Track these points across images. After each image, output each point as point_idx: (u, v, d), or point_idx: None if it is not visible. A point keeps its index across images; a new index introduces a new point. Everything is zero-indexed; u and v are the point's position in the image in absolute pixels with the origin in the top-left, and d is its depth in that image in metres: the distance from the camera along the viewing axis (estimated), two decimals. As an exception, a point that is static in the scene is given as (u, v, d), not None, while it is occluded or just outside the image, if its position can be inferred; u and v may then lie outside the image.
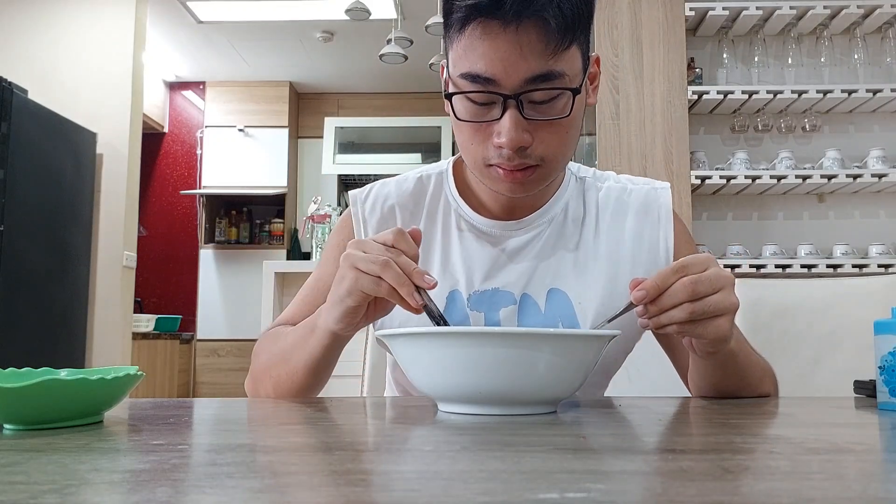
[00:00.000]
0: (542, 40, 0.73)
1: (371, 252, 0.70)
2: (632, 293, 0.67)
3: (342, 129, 5.52)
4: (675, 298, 0.65)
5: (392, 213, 0.95)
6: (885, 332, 0.67)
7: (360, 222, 0.96)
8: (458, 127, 0.82)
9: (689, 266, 0.67)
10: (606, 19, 3.13)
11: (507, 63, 0.74)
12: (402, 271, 0.68)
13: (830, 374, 1.19)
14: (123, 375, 0.56)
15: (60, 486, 0.34)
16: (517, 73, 0.74)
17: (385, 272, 0.68)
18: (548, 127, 0.78)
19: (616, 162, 3.07)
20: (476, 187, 0.94)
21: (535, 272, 0.91)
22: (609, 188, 0.97)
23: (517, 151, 0.78)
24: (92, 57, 3.81)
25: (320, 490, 0.33)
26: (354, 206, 0.97)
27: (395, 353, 0.66)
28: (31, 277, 3.29)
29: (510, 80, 0.75)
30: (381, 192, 0.97)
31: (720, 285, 0.67)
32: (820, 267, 3.07)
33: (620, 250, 0.93)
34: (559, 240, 0.93)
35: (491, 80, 0.75)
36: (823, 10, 3.10)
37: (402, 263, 0.69)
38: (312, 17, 4.40)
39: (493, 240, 0.92)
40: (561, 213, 0.94)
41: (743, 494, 0.32)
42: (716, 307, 0.66)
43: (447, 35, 0.80)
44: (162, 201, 5.52)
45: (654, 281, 0.66)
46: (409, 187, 0.97)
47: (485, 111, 0.78)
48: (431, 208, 0.95)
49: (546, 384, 0.61)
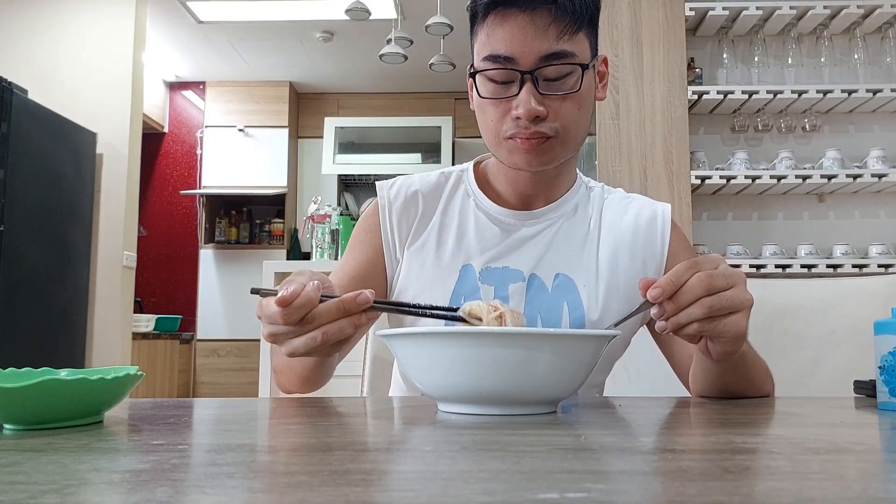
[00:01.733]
0: (553, 23, 0.85)
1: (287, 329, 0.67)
2: (647, 292, 0.66)
3: (342, 129, 5.52)
4: (691, 294, 0.65)
5: (415, 198, 1.02)
6: (885, 332, 0.67)
7: (386, 206, 1.02)
8: (481, 106, 0.92)
9: (702, 263, 0.67)
10: (606, 19, 3.13)
11: (523, 43, 0.85)
12: (336, 321, 0.66)
13: (830, 374, 1.19)
14: (123, 375, 0.56)
15: (60, 486, 0.34)
16: (532, 52, 0.85)
17: (323, 334, 0.66)
18: (560, 101, 0.87)
19: (616, 162, 3.07)
20: (494, 182, 1.02)
21: (544, 257, 0.98)
22: (613, 198, 1.06)
23: (533, 121, 0.86)
24: (92, 57, 3.80)
25: (320, 490, 0.33)
26: (381, 192, 1.04)
27: (395, 353, 0.66)
28: (31, 277, 3.29)
29: (526, 59, 0.85)
30: (406, 182, 1.05)
31: (734, 281, 0.67)
32: (820, 267, 3.07)
33: (620, 243, 1.00)
34: (568, 233, 1.00)
35: (510, 58, 0.86)
36: (823, 10, 3.09)
37: (325, 312, 0.66)
38: (312, 17, 4.40)
39: (507, 227, 0.99)
40: (571, 211, 1.02)
41: (743, 494, 0.32)
42: (731, 302, 0.66)
43: (473, 31, 0.92)
44: (162, 201, 5.52)
45: (669, 278, 0.66)
46: (433, 179, 1.05)
47: (504, 89, 0.88)
48: (450, 196, 1.03)
49: (546, 384, 0.61)
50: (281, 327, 0.67)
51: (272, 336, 0.69)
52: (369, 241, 1.01)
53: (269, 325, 0.68)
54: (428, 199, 1.03)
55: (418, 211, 1.02)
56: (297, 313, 0.65)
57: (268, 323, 0.69)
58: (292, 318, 0.66)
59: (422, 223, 1.01)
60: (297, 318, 0.66)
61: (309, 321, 0.66)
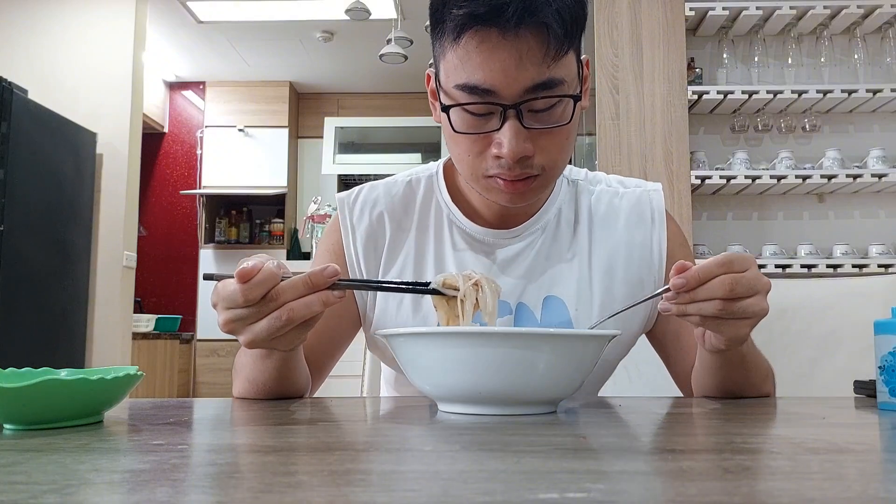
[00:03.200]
0: (542, 48, 0.71)
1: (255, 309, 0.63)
2: (672, 278, 0.65)
3: (342, 129, 5.52)
4: (711, 293, 0.65)
5: (381, 221, 0.92)
6: (885, 332, 0.67)
7: (349, 230, 0.92)
8: (455, 139, 0.79)
9: (734, 262, 0.66)
10: (606, 19, 3.13)
11: (506, 73, 0.71)
12: (302, 298, 0.63)
13: (830, 374, 1.19)
14: (123, 375, 0.56)
15: (60, 486, 0.34)
16: (517, 83, 0.72)
17: (289, 312, 0.62)
18: (548, 135, 0.76)
19: (616, 162, 3.07)
20: (469, 194, 0.92)
21: (530, 281, 0.89)
22: (600, 192, 0.95)
23: (518, 161, 0.75)
24: (92, 57, 3.80)
25: (320, 490, 0.33)
26: (342, 213, 0.93)
27: (394, 353, 0.66)
28: (31, 277, 3.29)
29: (510, 90, 0.72)
30: (370, 197, 0.93)
31: (757, 289, 0.66)
32: (820, 267, 3.07)
33: (614, 257, 0.91)
34: (553, 246, 0.91)
35: (490, 90, 0.72)
36: (823, 10, 3.09)
37: (290, 287, 0.63)
38: (312, 17, 4.40)
39: (487, 248, 0.90)
40: (554, 219, 0.92)
41: (743, 494, 0.32)
42: (745, 311, 0.65)
43: (437, 43, 0.77)
44: (162, 201, 5.52)
45: (697, 272, 0.65)
46: (399, 192, 0.93)
47: (483, 122, 0.76)
48: (423, 214, 0.92)
49: (546, 384, 0.61)
50: (240, 311, 0.62)
51: (230, 323, 0.63)
52: (334, 262, 0.85)
53: (227, 311, 0.63)
54: (396, 217, 0.92)
55: (386, 235, 0.91)
56: (258, 289, 0.61)
57: (225, 308, 0.63)
58: (253, 295, 0.61)
59: (394, 248, 0.91)
60: (258, 295, 0.61)
61: (272, 299, 0.62)
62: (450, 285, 0.70)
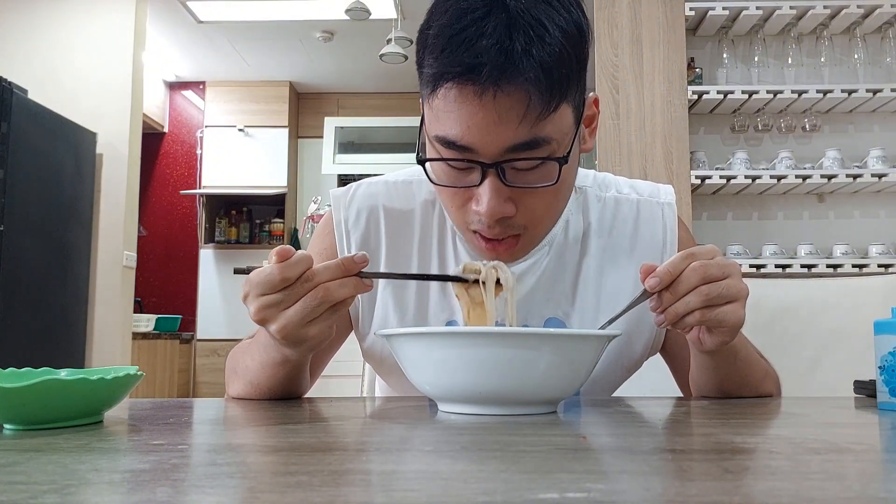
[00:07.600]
0: (523, 107, 0.65)
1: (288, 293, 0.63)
2: (644, 281, 0.66)
3: (342, 128, 5.52)
4: (687, 283, 0.65)
5: (378, 228, 0.86)
6: (885, 332, 0.67)
7: (343, 234, 0.87)
8: (437, 189, 0.75)
9: (697, 253, 0.67)
10: (606, 19, 3.13)
11: (484, 132, 0.66)
12: (337, 279, 0.63)
13: (830, 374, 1.19)
14: (123, 375, 0.56)
15: (60, 486, 0.34)
16: (496, 143, 0.67)
17: (325, 291, 0.63)
18: (533, 194, 0.71)
19: (616, 161, 3.07)
20: None
21: (533, 302, 0.85)
22: (610, 201, 0.89)
23: (498, 221, 0.71)
24: (92, 57, 3.80)
25: (320, 490, 0.33)
26: (337, 213, 0.88)
27: (394, 353, 0.66)
28: (31, 277, 3.29)
29: (488, 150, 0.67)
30: (367, 200, 0.88)
31: (729, 271, 0.67)
32: (820, 267, 3.07)
33: (622, 280, 0.86)
34: (559, 264, 0.86)
35: (468, 147, 0.68)
36: (823, 10, 3.09)
37: (325, 269, 0.63)
38: (312, 17, 4.40)
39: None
40: (561, 232, 0.86)
41: (743, 494, 0.32)
42: (728, 291, 0.66)
43: (421, 84, 0.71)
44: (162, 201, 5.52)
45: (666, 267, 0.65)
46: (401, 192, 0.88)
47: (463, 175, 0.71)
48: (425, 225, 0.87)
49: (546, 384, 0.61)
50: (274, 296, 0.62)
51: (263, 310, 0.63)
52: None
53: (260, 298, 0.63)
54: (397, 225, 0.86)
55: (383, 244, 0.86)
56: (296, 268, 0.62)
57: (258, 295, 0.63)
58: (291, 273, 0.62)
59: (395, 257, 0.86)
60: (296, 274, 0.62)
61: (307, 279, 0.62)
62: (470, 270, 0.71)
